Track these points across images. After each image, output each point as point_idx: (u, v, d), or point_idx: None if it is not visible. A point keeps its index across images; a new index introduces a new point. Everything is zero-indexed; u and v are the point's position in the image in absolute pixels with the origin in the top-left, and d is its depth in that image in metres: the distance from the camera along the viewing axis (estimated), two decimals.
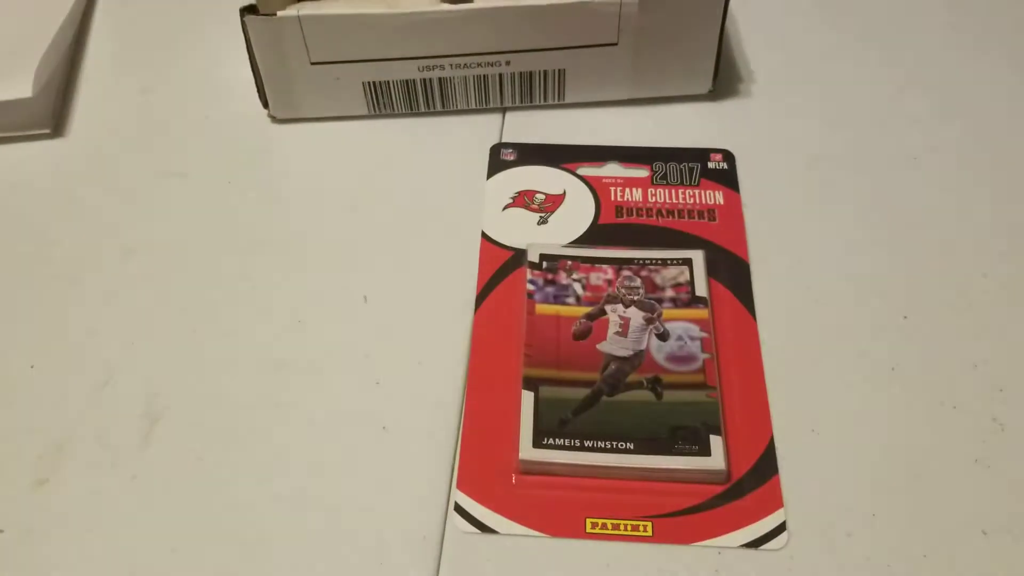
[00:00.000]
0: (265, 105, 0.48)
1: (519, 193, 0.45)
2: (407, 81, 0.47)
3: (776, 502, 0.35)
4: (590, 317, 0.40)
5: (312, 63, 0.45)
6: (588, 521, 0.35)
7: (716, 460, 0.35)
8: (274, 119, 0.49)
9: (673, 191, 0.45)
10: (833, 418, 0.37)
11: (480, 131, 0.48)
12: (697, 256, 0.42)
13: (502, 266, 0.42)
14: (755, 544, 0.34)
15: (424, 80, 0.47)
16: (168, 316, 0.41)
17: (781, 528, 0.35)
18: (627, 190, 0.45)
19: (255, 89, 0.49)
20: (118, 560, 0.34)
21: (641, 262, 0.42)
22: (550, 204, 0.45)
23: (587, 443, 0.36)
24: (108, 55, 0.53)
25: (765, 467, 0.36)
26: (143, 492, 0.36)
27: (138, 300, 0.42)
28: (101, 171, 0.47)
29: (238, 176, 0.47)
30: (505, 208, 0.45)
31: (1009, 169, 0.46)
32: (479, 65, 0.46)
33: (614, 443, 0.36)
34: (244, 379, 0.39)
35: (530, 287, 0.41)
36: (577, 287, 0.41)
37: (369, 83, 0.47)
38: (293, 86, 0.47)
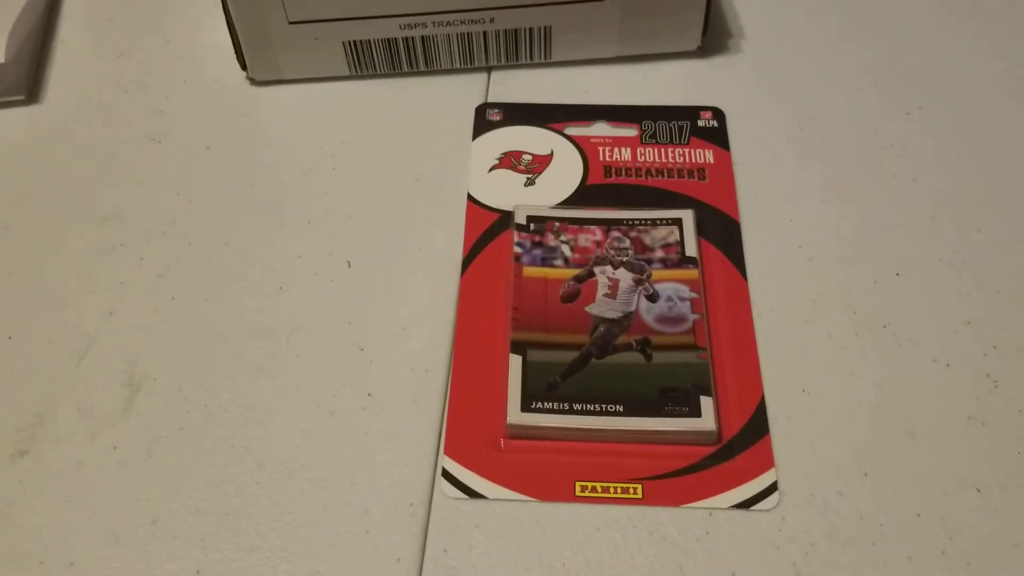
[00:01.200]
0: (243, 67, 0.47)
1: (505, 154, 0.44)
2: (389, 40, 0.45)
3: (767, 462, 0.35)
4: (578, 279, 0.39)
5: (290, 22, 0.44)
6: (577, 484, 0.34)
7: (706, 421, 0.35)
8: (253, 81, 0.48)
9: (662, 150, 0.44)
10: (825, 377, 0.37)
11: (465, 91, 0.47)
12: (687, 216, 0.41)
13: (488, 229, 0.42)
14: (746, 505, 0.34)
15: (406, 39, 0.45)
16: (147, 284, 0.40)
17: (772, 488, 0.34)
18: (616, 150, 0.44)
19: (233, 51, 0.47)
20: (99, 531, 0.34)
21: (630, 223, 0.41)
22: (537, 165, 0.44)
23: (576, 406, 0.35)
24: (83, 19, 0.52)
25: (756, 427, 0.36)
26: (124, 462, 0.35)
27: (116, 268, 0.41)
28: (77, 138, 0.46)
29: (217, 140, 0.46)
30: (491, 170, 0.44)
31: (1000, 124, 0.45)
32: (462, 23, 0.45)
33: (603, 406, 0.35)
34: (225, 347, 0.38)
35: (517, 250, 0.40)
36: (565, 249, 0.40)
37: (350, 43, 0.45)
38: (272, 47, 0.45)
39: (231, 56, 0.48)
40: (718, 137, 0.45)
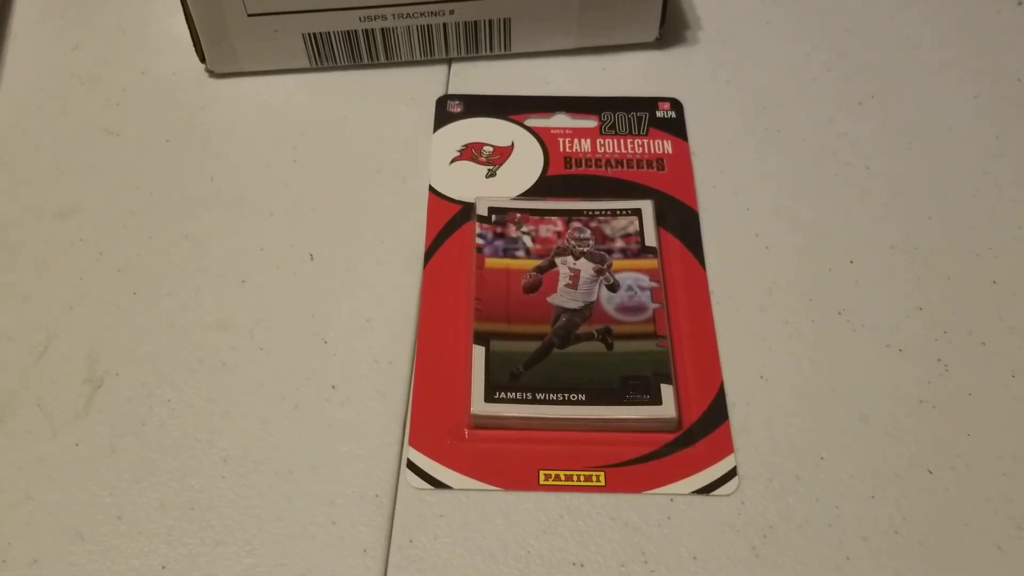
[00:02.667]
0: (202, 59, 0.46)
1: (466, 146, 0.44)
2: (348, 32, 0.45)
3: (727, 448, 0.35)
4: (540, 270, 0.39)
5: (249, 15, 0.44)
6: (541, 473, 0.35)
7: (667, 408, 0.35)
8: (212, 74, 0.47)
9: (622, 141, 0.45)
10: (782, 363, 0.38)
11: (425, 83, 0.47)
12: (646, 206, 0.41)
13: (450, 220, 0.42)
14: (706, 490, 0.34)
15: (366, 31, 0.45)
16: (107, 279, 0.40)
17: (732, 473, 0.35)
18: (576, 141, 0.45)
19: (191, 43, 0.47)
20: (63, 527, 0.34)
21: (590, 213, 0.41)
22: (498, 156, 0.44)
23: (539, 396, 0.36)
24: (36, 11, 0.51)
25: (715, 414, 0.36)
26: (87, 458, 0.35)
27: (75, 263, 0.41)
28: (32, 132, 0.46)
29: (176, 133, 0.45)
30: (452, 161, 0.44)
31: (951, 113, 0.46)
32: (422, 15, 0.45)
33: (566, 395, 0.36)
34: (188, 341, 0.38)
35: (479, 241, 0.40)
36: (526, 240, 0.40)
37: (309, 35, 0.45)
38: (230, 39, 0.45)
39: (189, 48, 0.48)
40: (676, 128, 0.45)
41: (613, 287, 0.39)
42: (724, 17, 0.51)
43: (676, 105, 0.46)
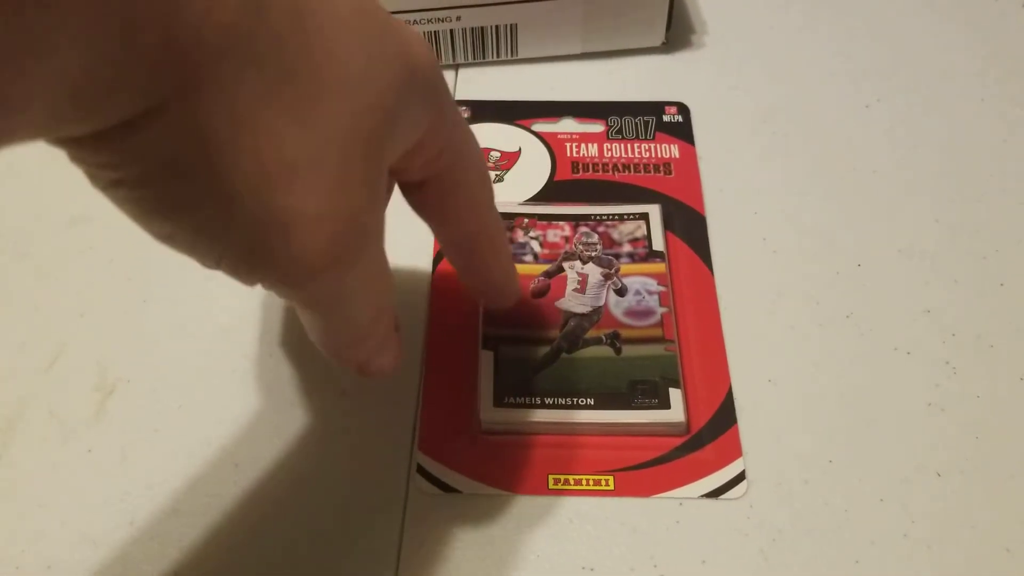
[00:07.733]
0: None
1: None
2: None
3: (735, 452, 0.35)
4: (548, 275, 0.40)
5: None
6: (550, 477, 0.35)
7: (675, 412, 0.36)
8: None
9: (629, 145, 0.45)
10: (790, 367, 0.38)
11: None
12: (654, 210, 0.42)
13: None
14: (715, 494, 0.35)
15: None
16: (118, 286, 0.40)
17: (740, 477, 0.35)
18: (583, 145, 0.45)
19: None
20: (76, 534, 0.34)
21: (598, 218, 0.41)
22: (505, 162, 0.44)
23: (548, 400, 0.36)
24: None
25: (724, 418, 0.36)
26: (99, 465, 0.35)
27: (86, 270, 0.41)
28: None
29: None
30: None
31: (957, 116, 0.46)
32: (429, 21, 0.45)
33: (574, 399, 0.36)
34: (198, 347, 0.38)
35: None
36: (534, 245, 0.41)
37: None
38: None
39: None
40: (683, 132, 0.45)
41: (621, 291, 0.39)
42: (730, 21, 0.51)
43: (683, 109, 0.46)
